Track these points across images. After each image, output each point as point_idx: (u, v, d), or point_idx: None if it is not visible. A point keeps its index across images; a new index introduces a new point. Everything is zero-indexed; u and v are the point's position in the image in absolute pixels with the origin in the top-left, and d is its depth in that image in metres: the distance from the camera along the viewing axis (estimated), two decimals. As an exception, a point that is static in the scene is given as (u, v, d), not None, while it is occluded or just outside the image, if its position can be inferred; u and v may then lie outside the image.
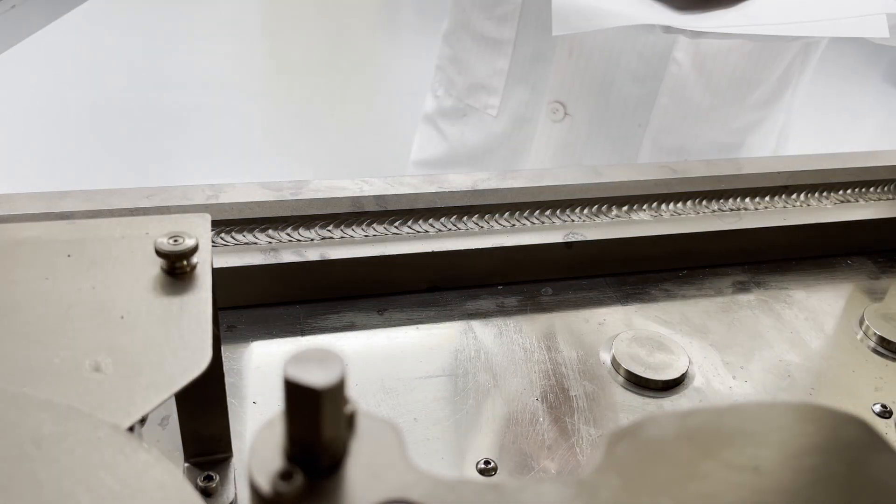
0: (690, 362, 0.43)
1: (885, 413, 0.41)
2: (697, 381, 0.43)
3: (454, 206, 0.48)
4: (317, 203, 0.46)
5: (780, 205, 0.54)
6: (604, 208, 0.51)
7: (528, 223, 0.49)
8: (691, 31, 0.53)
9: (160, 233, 0.27)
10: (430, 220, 0.48)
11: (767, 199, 0.54)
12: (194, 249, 0.27)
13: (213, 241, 0.41)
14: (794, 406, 0.19)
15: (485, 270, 0.48)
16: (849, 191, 0.56)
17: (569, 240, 0.48)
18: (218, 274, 0.30)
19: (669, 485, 0.17)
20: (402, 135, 1.07)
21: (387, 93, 2.24)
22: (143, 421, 0.26)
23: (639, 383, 0.42)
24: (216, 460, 0.34)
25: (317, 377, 0.16)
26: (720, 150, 0.74)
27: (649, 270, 0.51)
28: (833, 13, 0.54)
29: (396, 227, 0.47)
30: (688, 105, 0.72)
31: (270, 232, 0.45)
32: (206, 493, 0.33)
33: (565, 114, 0.73)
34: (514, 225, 0.49)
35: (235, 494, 0.33)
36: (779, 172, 0.55)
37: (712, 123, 0.74)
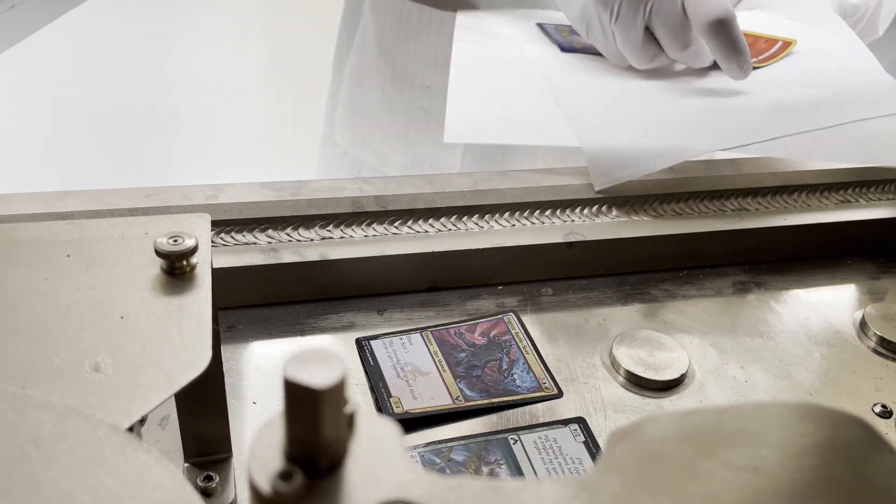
0: (690, 362, 0.43)
1: (886, 413, 0.41)
2: (697, 381, 0.43)
3: (454, 206, 0.48)
4: (317, 203, 0.46)
5: (780, 205, 0.54)
6: (604, 208, 0.51)
7: (528, 223, 0.49)
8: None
9: (160, 233, 0.27)
10: (430, 220, 0.48)
11: (767, 199, 0.54)
12: (194, 249, 0.27)
13: (212, 241, 0.41)
14: (794, 406, 0.19)
15: (485, 270, 0.48)
16: (849, 191, 0.56)
17: (569, 240, 0.48)
18: (218, 274, 0.30)
19: (669, 485, 0.17)
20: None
21: (387, 93, 2.22)
22: (142, 421, 0.26)
23: (639, 383, 0.42)
24: (216, 460, 0.34)
25: (317, 377, 0.16)
26: None
27: (649, 270, 0.51)
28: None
29: (396, 227, 0.47)
30: None
31: (270, 232, 0.45)
32: (206, 493, 0.33)
33: None
34: (514, 225, 0.49)
35: (235, 494, 0.33)
36: (779, 172, 0.55)
37: None
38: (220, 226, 0.44)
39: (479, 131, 0.52)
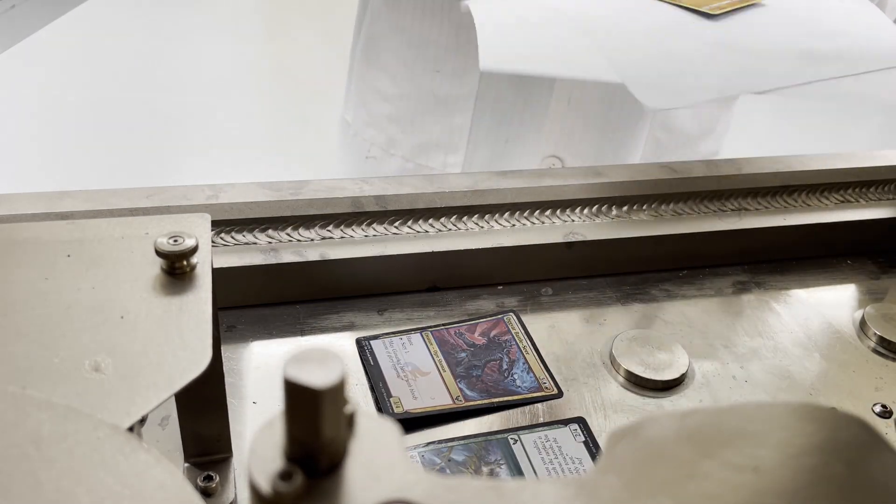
0: (690, 362, 0.43)
1: (885, 413, 0.41)
2: (697, 381, 0.43)
3: (454, 206, 0.48)
4: (317, 203, 0.46)
5: (780, 205, 0.54)
6: (604, 208, 0.51)
7: (528, 223, 0.49)
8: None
9: (160, 233, 0.27)
10: (430, 220, 0.48)
11: (767, 199, 0.54)
12: (194, 249, 0.27)
13: (213, 241, 0.41)
14: (794, 406, 0.19)
15: (485, 270, 0.48)
16: (849, 191, 0.56)
17: (569, 240, 0.48)
18: (218, 274, 0.30)
19: (669, 485, 0.17)
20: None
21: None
22: (143, 421, 0.26)
23: (639, 383, 0.42)
24: (216, 460, 0.34)
25: (317, 377, 0.16)
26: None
27: (649, 270, 0.51)
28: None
29: (396, 227, 0.47)
30: (679, 133, 0.72)
31: (270, 232, 0.45)
32: (206, 493, 0.33)
33: (562, 166, 0.69)
34: (514, 225, 0.49)
35: (235, 494, 0.33)
36: (779, 172, 0.55)
37: (698, 145, 0.74)
38: (220, 226, 0.44)
39: (515, 61, 0.52)
